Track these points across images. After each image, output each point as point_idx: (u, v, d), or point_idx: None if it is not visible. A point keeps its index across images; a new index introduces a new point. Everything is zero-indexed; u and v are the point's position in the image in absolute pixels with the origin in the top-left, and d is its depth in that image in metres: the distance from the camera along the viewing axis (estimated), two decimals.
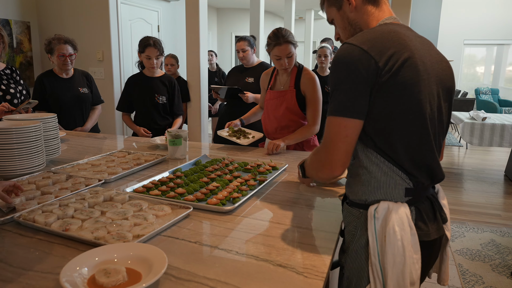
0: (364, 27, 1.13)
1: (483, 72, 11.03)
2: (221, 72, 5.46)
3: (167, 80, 3.02)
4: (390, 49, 0.97)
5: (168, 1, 5.32)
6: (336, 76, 1.00)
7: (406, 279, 0.99)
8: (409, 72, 0.97)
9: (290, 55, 2.17)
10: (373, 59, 0.96)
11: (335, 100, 1.00)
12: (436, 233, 1.08)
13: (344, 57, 0.99)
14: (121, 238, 1.04)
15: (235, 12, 10.90)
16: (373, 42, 0.98)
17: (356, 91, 0.97)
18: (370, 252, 1.02)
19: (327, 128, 1.03)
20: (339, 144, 1.00)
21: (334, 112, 1.00)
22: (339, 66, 1.00)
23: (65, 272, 0.84)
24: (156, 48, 2.82)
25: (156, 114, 2.99)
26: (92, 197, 1.33)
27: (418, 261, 1.01)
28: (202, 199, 1.39)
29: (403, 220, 1.00)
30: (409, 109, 0.99)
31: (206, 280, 0.89)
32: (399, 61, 0.97)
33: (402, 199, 1.04)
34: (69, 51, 2.85)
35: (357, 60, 0.96)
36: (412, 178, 1.04)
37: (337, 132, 1.00)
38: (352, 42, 0.99)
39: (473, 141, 5.10)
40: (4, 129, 1.57)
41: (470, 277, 2.66)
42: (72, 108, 2.94)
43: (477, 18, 10.30)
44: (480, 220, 3.70)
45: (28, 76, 4.57)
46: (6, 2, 4.26)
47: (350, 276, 1.09)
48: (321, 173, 1.07)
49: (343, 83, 0.98)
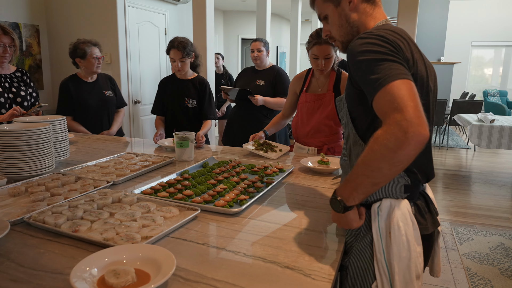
0: (361, 27, 1.14)
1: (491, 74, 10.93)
2: (228, 75, 5.48)
3: (199, 82, 2.79)
4: (406, 47, 0.99)
5: (175, 4, 5.35)
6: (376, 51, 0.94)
7: (412, 273, 1.01)
8: (421, 72, 1.01)
9: (328, 57, 2.13)
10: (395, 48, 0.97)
11: (388, 68, 0.91)
12: (432, 226, 1.12)
13: (367, 38, 0.98)
14: (129, 240, 1.05)
15: (242, 15, 10.93)
16: (389, 36, 0.99)
17: (399, 60, 0.94)
18: (375, 249, 1.03)
19: (389, 95, 0.87)
20: (415, 100, 0.85)
21: (395, 77, 0.88)
22: (373, 43, 0.96)
23: (75, 273, 0.85)
24: (180, 50, 2.61)
25: (184, 119, 2.79)
26: (101, 198, 1.34)
27: (421, 255, 1.04)
28: (210, 201, 1.40)
29: (405, 215, 1.03)
30: None
31: (214, 281, 0.90)
32: (414, 60, 1.00)
33: (402, 196, 1.07)
34: (99, 53, 2.89)
35: (381, 42, 0.96)
36: (410, 175, 1.07)
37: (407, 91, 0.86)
38: (371, 31, 1.00)
39: (481, 144, 5.06)
40: (14, 131, 1.59)
41: (478, 280, 2.64)
42: (98, 112, 2.94)
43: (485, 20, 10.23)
44: (489, 223, 3.67)
45: (37, 79, 4.62)
46: (15, 6, 4.32)
47: (355, 276, 1.09)
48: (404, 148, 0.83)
49: (388, 54, 0.94)
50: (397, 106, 0.84)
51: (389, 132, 0.84)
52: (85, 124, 2.89)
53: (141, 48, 4.77)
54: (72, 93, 2.85)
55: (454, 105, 6.74)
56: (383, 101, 0.88)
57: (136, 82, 4.74)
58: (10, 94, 2.58)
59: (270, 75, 3.19)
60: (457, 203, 4.21)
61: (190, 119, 2.78)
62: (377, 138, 0.87)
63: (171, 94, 2.81)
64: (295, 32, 8.36)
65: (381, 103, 0.89)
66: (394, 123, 0.83)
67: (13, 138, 1.58)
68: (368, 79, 0.92)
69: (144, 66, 4.86)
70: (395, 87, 0.87)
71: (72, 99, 2.85)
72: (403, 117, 0.83)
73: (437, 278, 2.67)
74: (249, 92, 2.99)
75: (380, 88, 0.89)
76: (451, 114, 6.78)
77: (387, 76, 0.89)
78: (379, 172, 0.88)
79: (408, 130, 0.81)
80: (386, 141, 0.84)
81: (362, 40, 0.98)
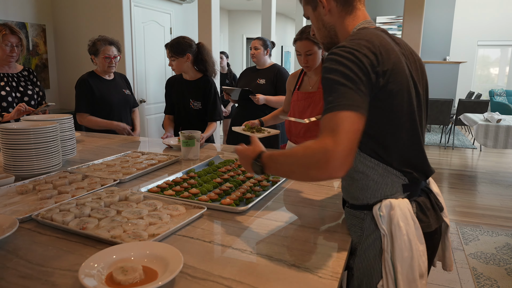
0: (339, 30, 1.14)
1: (497, 74, 10.85)
2: (232, 74, 5.48)
3: (203, 83, 2.69)
4: (382, 54, 0.98)
5: (180, 3, 5.37)
6: (339, 72, 0.95)
7: (415, 272, 1.01)
8: (399, 78, 1.00)
9: (310, 53, 2.11)
10: (371, 63, 0.96)
11: (343, 95, 0.92)
12: (436, 223, 1.12)
13: (341, 55, 0.96)
14: (136, 237, 1.05)
15: (247, 14, 10.93)
16: (367, 46, 0.97)
17: (363, 88, 0.94)
18: (384, 248, 1.04)
19: (333, 121, 0.90)
20: (352, 137, 0.89)
21: (346, 107, 0.90)
22: (337, 64, 0.96)
23: (84, 269, 0.86)
24: (167, 49, 2.61)
25: (190, 120, 2.71)
26: (108, 196, 1.35)
27: (424, 253, 1.04)
28: (216, 199, 1.40)
29: (406, 215, 1.03)
30: (401, 113, 1.03)
31: (221, 279, 0.90)
32: (390, 67, 0.99)
33: (401, 195, 1.08)
34: (114, 52, 2.80)
35: (355, 60, 0.95)
36: (407, 175, 1.08)
37: (350, 126, 0.89)
38: (346, 45, 0.98)
39: (487, 143, 5.03)
40: (22, 129, 1.60)
41: (484, 281, 2.63)
42: (120, 110, 2.89)
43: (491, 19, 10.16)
44: (495, 223, 3.65)
45: (44, 78, 4.65)
46: (22, 6, 4.35)
47: (360, 276, 1.09)
48: (318, 171, 0.90)
49: (351, 79, 0.93)
50: (334, 134, 0.88)
51: (316, 150, 0.90)
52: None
53: (147, 47, 4.79)
54: (93, 89, 2.77)
55: (460, 105, 6.71)
56: (327, 123, 0.91)
57: (142, 81, 4.76)
58: (17, 93, 2.60)
59: (271, 74, 3.20)
60: (463, 203, 4.19)
61: (195, 120, 2.72)
62: (306, 148, 0.93)
63: (176, 96, 2.77)
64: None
65: (325, 123, 0.92)
66: (323, 146, 0.88)
67: (21, 136, 1.60)
68: (326, 98, 0.95)
69: (149, 65, 4.87)
70: (341, 117, 0.90)
71: (94, 96, 2.76)
72: (333, 148, 0.87)
73: (442, 278, 2.66)
74: (250, 92, 2.99)
75: (330, 112, 0.92)
76: (457, 113, 6.75)
77: (340, 104, 0.91)
78: (292, 173, 0.98)
79: (330, 161, 0.87)
80: (309, 156, 0.91)
81: (333, 55, 0.98)
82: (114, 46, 2.81)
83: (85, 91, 2.76)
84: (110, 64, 2.80)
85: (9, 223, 1.10)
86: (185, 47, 2.60)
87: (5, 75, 2.57)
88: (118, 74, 3.00)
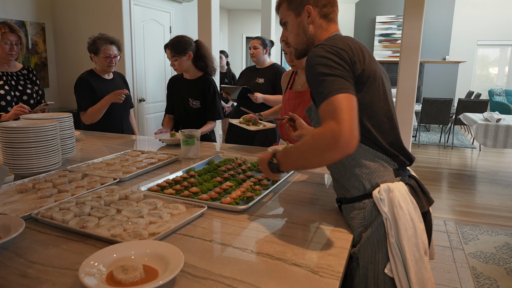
0: (316, 39, 1.25)
1: (497, 74, 10.85)
2: (231, 73, 5.48)
3: (203, 82, 2.69)
4: (357, 50, 1.11)
5: (180, 2, 5.36)
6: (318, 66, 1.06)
7: (420, 249, 1.08)
8: (372, 67, 1.13)
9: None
10: (349, 56, 1.08)
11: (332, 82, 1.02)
12: (427, 204, 1.18)
13: (322, 51, 1.08)
14: (137, 236, 1.05)
15: (246, 13, 10.92)
16: (342, 44, 1.10)
17: (347, 75, 1.05)
18: (388, 232, 1.08)
19: (330, 105, 0.98)
20: (351, 113, 0.96)
21: (338, 91, 0.99)
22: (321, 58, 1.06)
23: (84, 268, 0.85)
24: (169, 49, 2.60)
25: (189, 119, 2.71)
26: (108, 195, 1.35)
27: (424, 231, 1.11)
28: (216, 198, 1.40)
29: (404, 195, 1.10)
30: (378, 97, 1.14)
31: (222, 278, 0.90)
32: (364, 58, 1.11)
33: (395, 180, 1.14)
34: (115, 52, 2.76)
35: (336, 54, 1.07)
36: (396, 159, 1.16)
37: (346, 105, 0.97)
38: (325, 43, 1.10)
39: (487, 143, 5.03)
40: (22, 128, 1.60)
41: (484, 280, 2.63)
42: (120, 111, 2.85)
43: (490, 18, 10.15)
44: (495, 223, 3.65)
45: (43, 77, 4.64)
46: (21, 4, 4.34)
47: (366, 264, 1.12)
48: (331, 152, 0.95)
49: (335, 68, 1.04)
50: (335, 116, 0.96)
51: (323, 134, 0.96)
52: (105, 121, 2.80)
53: (146, 46, 4.78)
54: (94, 88, 2.73)
55: (459, 104, 6.71)
56: (325, 110, 0.99)
57: (141, 80, 4.75)
58: (16, 92, 2.59)
59: (269, 73, 3.20)
60: (462, 202, 4.20)
61: (194, 119, 2.70)
62: (314, 135, 1.00)
63: (176, 95, 2.77)
64: None
65: (323, 111, 1.00)
66: (329, 129, 0.95)
67: (20, 134, 1.59)
68: (317, 91, 1.04)
69: (149, 64, 4.87)
70: (336, 99, 0.98)
71: (95, 94, 2.72)
72: (338, 127, 0.94)
73: (442, 278, 2.66)
74: (248, 90, 2.99)
75: (324, 100, 1.00)
76: (456, 113, 6.75)
77: (331, 90, 1.00)
78: (308, 161, 1.04)
79: (339, 139, 0.93)
80: (319, 141, 0.97)
81: (314, 53, 1.09)
82: (115, 45, 2.77)
83: (86, 90, 2.72)
84: (110, 64, 2.76)
85: (15, 223, 1.08)
86: (186, 45, 2.61)
87: (4, 73, 2.56)
88: (117, 74, 2.97)
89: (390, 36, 9.52)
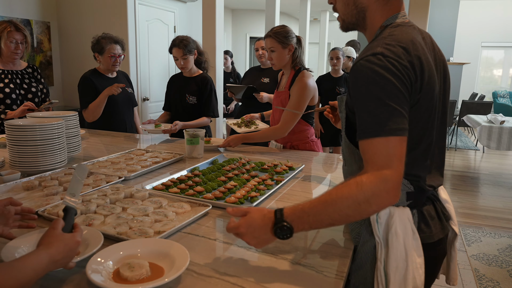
0: (369, 16, 1.02)
1: (501, 75, 10.82)
2: (235, 73, 5.49)
3: (201, 80, 2.80)
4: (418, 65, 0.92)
5: (184, 2, 5.37)
6: (383, 88, 0.88)
7: (409, 285, 0.95)
8: (429, 94, 0.95)
9: (272, 49, 2.22)
10: (412, 71, 0.90)
11: (388, 117, 0.87)
12: (440, 232, 1.06)
13: (390, 64, 0.89)
14: (142, 234, 1.06)
15: (250, 13, 10.93)
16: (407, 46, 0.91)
17: (405, 105, 0.89)
18: (378, 257, 0.99)
19: (384, 149, 0.86)
20: (403, 163, 0.87)
21: (394, 132, 0.86)
22: (387, 76, 0.88)
23: (91, 265, 0.86)
24: (181, 48, 2.65)
25: (186, 115, 2.78)
26: (113, 193, 1.36)
27: (422, 266, 0.97)
28: (221, 197, 1.41)
29: (405, 224, 0.97)
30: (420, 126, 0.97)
31: (227, 276, 0.91)
32: (424, 80, 0.93)
33: (404, 203, 1.02)
34: (119, 51, 2.78)
35: (404, 67, 0.89)
36: (413, 182, 1.01)
37: (401, 151, 0.87)
38: (387, 48, 0.90)
39: (490, 145, 5.02)
40: (28, 126, 1.61)
41: (487, 282, 2.62)
42: (123, 109, 2.87)
43: (495, 20, 10.13)
44: (498, 225, 3.64)
45: (48, 75, 4.67)
46: (27, 3, 4.36)
47: (356, 283, 1.04)
48: (381, 203, 0.86)
49: (394, 96, 0.87)
50: (390, 163, 0.85)
51: (374, 183, 0.84)
52: (109, 120, 2.82)
53: (150, 46, 4.80)
54: (97, 87, 2.74)
55: (463, 106, 6.70)
56: (376, 150, 0.87)
57: (145, 79, 4.77)
58: (21, 91, 2.60)
59: (275, 73, 3.21)
60: (465, 204, 4.19)
61: (190, 115, 2.79)
62: (362, 184, 0.85)
63: (175, 91, 2.87)
64: (304, 31, 8.34)
65: (373, 151, 0.88)
66: (382, 178, 0.84)
67: (27, 132, 1.60)
68: (365, 117, 0.89)
69: (153, 63, 4.88)
70: (391, 142, 0.86)
71: (98, 93, 2.72)
72: (392, 177, 0.84)
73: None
74: (254, 89, 3.00)
75: (375, 136, 0.87)
76: (460, 115, 6.73)
77: (385, 127, 0.86)
78: (344, 218, 0.88)
79: (391, 191, 0.84)
80: (366, 190, 0.84)
81: (370, 64, 0.89)
82: (119, 44, 2.79)
83: (89, 89, 2.74)
84: (115, 63, 2.78)
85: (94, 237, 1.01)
86: (193, 45, 2.74)
87: (9, 72, 2.58)
88: (121, 72, 2.99)
89: None
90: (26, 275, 0.72)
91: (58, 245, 0.81)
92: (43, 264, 0.76)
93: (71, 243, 0.84)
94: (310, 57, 8.97)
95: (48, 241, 0.81)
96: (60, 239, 0.82)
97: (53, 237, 0.82)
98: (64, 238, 0.83)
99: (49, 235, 0.83)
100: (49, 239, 0.82)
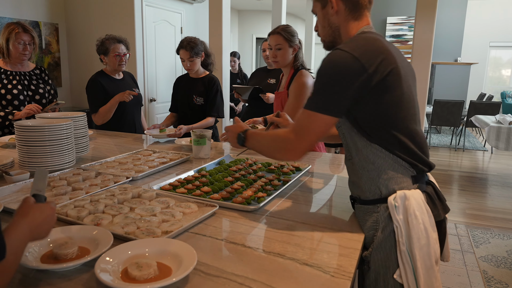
0: (343, 32, 1.21)
1: (509, 75, 10.72)
2: (242, 74, 5.50)
3: (208, 80, 2.81)
4: (379, 57, 1.06)
5: (191, 3, 5.39)
6: (326, 76, 1.07)
7: (432, 258, 1.07)
8: (394, 77, 1.07)
9: (279, 47, 2.22)
10: (364, 66, 1.04)
11: (320, 97, 1.08)
12: (443, 212, 1.16)
13: (336, 61, 1.06)
14: (150, 234, 1.06)
15: (257, 14, 10.93)
16: (363, 50, 1.06)
17: (343, 93, 1.05)
18: (399, 240, 1.07)
19: (304, 119, 1.10)
20: (313, 137, 1.11)
21: (318, 109, 1.07)
22: (331, 68, 1.07)
23: (99, 264, 0.87)
24: (188, 50, 2.67)
25: (193, 116, 2.80)
26: (121, 193, 1.37)
27: (437, 241, 1.10)
28: (228, 197, 1.41)
29: (420, 204, 1.08)
30: (403, 104, 1.10)
31: (234, 276, 0.91)
32: (387, 68, 1.06)
33: (412, 187, 1.12)
34: (124, 50, 2.79)
35: (348, 66, 1.04)
36: (414, 166, 1.13)
37: (317, 126, 1.09)
38: (344, 49, 1.07)
39: (499, 146, 4.97)
40: (37, 127, 1.63)
41: (495, 284, 2.60)
42: (132, 110, 2.88)
43: (503, 20, 10.03)
44: (506, 226, 3.61)
45: (56, 77, 4.71)
46: (35, 5, 4.41)
47: (377, 269, 1.12)
48: (280, 155, 1.17)
49: (333, 84, 1.06)
50: (303, 132, 1.11)
51: (281, 139, 1.16)
52: (119, 121, 2.83)
53: (157, 47, 4.82)
54: (106, 89, 2.76)
55: (471, 106, 6.64)
56: (302, 118, 1.11)
57: (152, 80, 4.79)
58: (29, 92, 2.62)
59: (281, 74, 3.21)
60: (473, 205, 4.15)
61: (198, 116, 2.80)
62: (277, 135, 1.19)
63: (182, 92, 2.88)
64: (310, 31, 8.32)
65: (300, 118, 1.12)
66: (288, 138, 1.13)
67: (36, 133, 1.62)
68: (312, 93, 1.10)
69: (160, 64, 4.91)
70: (313, 118, 1.08)
71: (107, 95, 2.74)
72: (294, 142, 1.12)
73: (453, 281, 2.64)
74: (260, 90, 3.01)
75: (307, 108, 1.10)
76: (467, 115, 6.68)
77: (318, 105, 1.08)
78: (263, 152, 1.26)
79: (289, 152, 1.14)
80: (276, 142, 1.18)
81: (329, 58, 1.08)
82: (123, 43, 2.80)
83: (98, 91, 2.75)
84: (121, 62, 2.78)
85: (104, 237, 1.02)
86: (201, 47, 2.75)
87: (17, 73, 2.61)
88: (127, 73, 3.00)
89: (401, 37, 9.45)
90: (12, 247, 0.73)
91: (34, 212, 0.83)
92: (25, 231, 0.79)
93: (47, 209, 0.86)
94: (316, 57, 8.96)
95: (22, 211, 0.83)
96: (35, 207, 0.85)
97: (27, 207, 0.84)
98: (39, 205, 0.86)
99: (22, 206, 0.85)
100: (23, 209, 0.84)
